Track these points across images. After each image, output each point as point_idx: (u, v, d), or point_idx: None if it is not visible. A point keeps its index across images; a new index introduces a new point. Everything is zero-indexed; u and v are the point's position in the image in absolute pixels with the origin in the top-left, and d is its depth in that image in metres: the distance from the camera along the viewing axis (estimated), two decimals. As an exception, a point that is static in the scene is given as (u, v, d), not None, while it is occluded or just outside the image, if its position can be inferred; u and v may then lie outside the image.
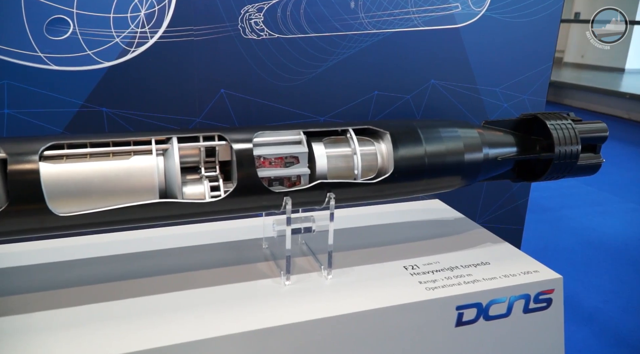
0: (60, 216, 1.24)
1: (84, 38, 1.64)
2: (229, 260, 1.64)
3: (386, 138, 1.54)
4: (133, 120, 1.78)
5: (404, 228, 1.85)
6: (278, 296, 1.42)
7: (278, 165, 1.46)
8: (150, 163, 1.34)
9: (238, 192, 1.38)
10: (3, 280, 1.48)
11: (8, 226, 1.24)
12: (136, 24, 1.68)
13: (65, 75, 1.65)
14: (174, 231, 1.82)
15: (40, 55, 1.62)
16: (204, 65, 1.80)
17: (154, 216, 1.34)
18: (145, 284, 1.47)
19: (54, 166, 1.26)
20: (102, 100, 1.73)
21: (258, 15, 1.79)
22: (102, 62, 1.69)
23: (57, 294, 1.41)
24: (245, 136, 1.42)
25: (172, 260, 1.63)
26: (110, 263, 1.59)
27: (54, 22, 1.61)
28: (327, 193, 1.46)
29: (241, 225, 1.88)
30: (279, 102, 1.91)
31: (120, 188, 1.31)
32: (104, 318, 1.30)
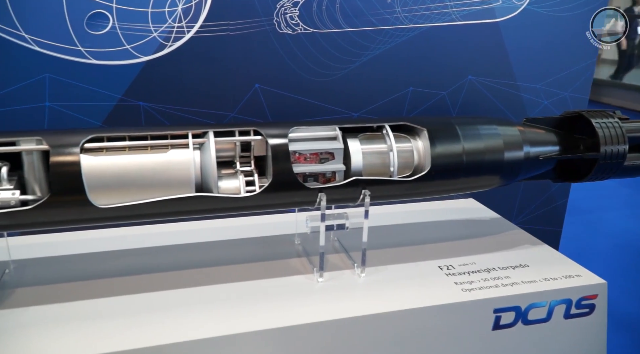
0: (99, 208, 1.26)
1: (123, 32, 1.66)
2: (262, 255, 1.64)
3: (423, 135, 1.51)
4: (169, 114, 1.79)
5: (438, 227, 1.81)
6: (311, 293, 1.41)
7: (313, 160, 1.44)
8: (187, 157, 1.34)
9: (273, 187, 1.37)
10: (41, 269, 1.52)
11: (49, 216, 1.26)
12: (173, 19, 1.69)
13: (105, 69, 1.68)
14: (206, 225, 1.83)
15: (80, 49, 1.64)
16: (238, 60, 1.79)
17: (189, 209, 1.35)
18: (178, 277, 1.48)
19: (94, 158, 1.28)
20: (139, 94, 1.74)
21: (293, 10, 1.78)
22: (140, 57, 1.70)
23: (93, 284, 1.43)
24: (281, 131, 1.41)
25: (205, 253, 1.64)
26: (145, 255, 1.61)
27: (94, 16, 1.63)
28: (362, 190, 1.44)
29: (273, 220, 1.88)
30: (313, 98, 1.90)
31: (157, 182, 1.32)
32: (137, 310, 1.32)
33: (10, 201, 1.24)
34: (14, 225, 1.26)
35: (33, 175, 1.28)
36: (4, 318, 1.27)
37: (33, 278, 1.46)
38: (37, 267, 1.52)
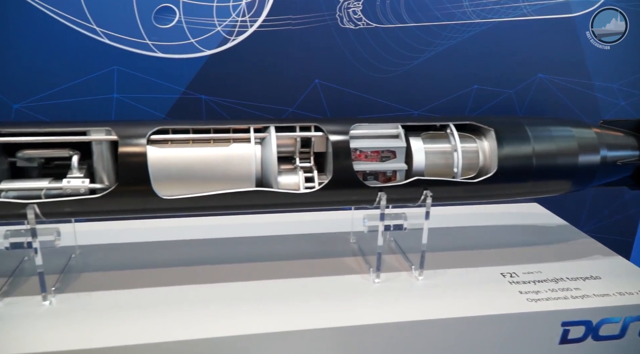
0: (163, 199, 1.28)
1: (188, 26, 1.69)
2: (316, 252, 1.62)
3: (490, 135, 1.44)
4: (229, 108, 1.81)
5: (501, 232, 1.73)
6: (367, 294, 1.38)
7: (374, 159, 1.41)
8: (248, 152, 1.34)
9: (332, 185, 1.35)
10: (104, 255, 1.57)
11: (115, 205, 1.30)
12: (237, 13, 1.70)
13: (170, 62, 1.71)
14: (261, 219, 1.83)
15: (147, 43, 1.68)
16: (299, 55, 1.78)
17: (249, 204, 1.35)
18: (234, 270, 1.49)
19: (159, 150, 1.31)
20: (202, 88, 1.77)
21: (357, 4, 1.74)
22: (204, 51, 1.72)
23: (152, 273, 1.46)
24: (342, 128, 1.39)
25: (261, 248, 1.64)
26: (203, 247, 1.63)
27: (161, 10, 1.66)
28: (423, 191, 1.39)
29: (328, 216, 1.86)
30: (373, 94, 1.86)
31: (219, 175, 1.33)
32: (192, 301, 1.33)
33: (80, 189, 1.28)
34: (82, 212, 1.31)
35: (101, 164, 1.32)
36: (70, 301, 1.31)
37: (97, 264, 1.51)
38: (101, 253, 1.58)
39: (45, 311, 1.27)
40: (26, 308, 1.27)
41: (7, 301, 1.30)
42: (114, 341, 1.16)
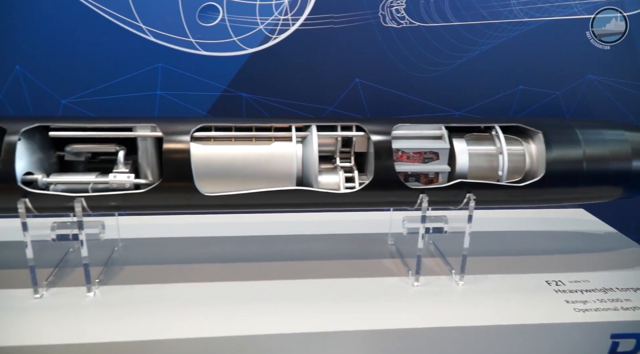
0: (204, 196, 1.29)
1: (231, 25, 1.70)
2: (354, 252, 1.61)
3: (537, 138, 1.39)
4: (269, 106, 1.81)
5: (545, 238, 1.68)
6: (406, 297, 1.35)
7: (416, 160, 1.39)
8: (290, 150, 1.34)
9: (373, 185, 1.33)
10: (146, 249, 1.60)
11: (158, 201, 1.31)
12: (280, 12, 1.70)
13: (212, 60, 1.73)
14: (297, 218, 1.83)
15: (191, 41, 1.70)
16: (340, 54, 1.77)
17: (289, 203, 1.35)
18: (270, 268, 1.49)
19: (202, 147, 1.32)
20: (242, 85, 1.78)
21: (400, 3, 1.72)
22: (246, 49, 1.73)
23: (192, 268, 1.48)
24: (384, 128, 1.37)
25: (298, 246, 1.64)
26: (242, 243, 1.64)
27: (205, 8, 1.68)
28: (466, 194, 1.36)
29: (366, 217, 1.84)
30: (414, 94, 1.83)
31: (260, 173, 1.33)
32: (228, 298, 1.34)
33: (125, 184, 1.31)
34: (126, 206, 1.33)
35: (146, 160, 1.35)
36: (113, 294, 1.34)
37: (138, 257, 1.54)
38: (143, 247, 1.61)
39: (90, 302, 1.30)
40: (71, 299, 1.31)
41: (53, 292, 1.34)
42: (156, 335, 1.18)
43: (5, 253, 1.52)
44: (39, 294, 1.31)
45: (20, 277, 1.38)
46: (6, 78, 1.68)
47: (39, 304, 1.28)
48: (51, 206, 1.29)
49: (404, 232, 1.43)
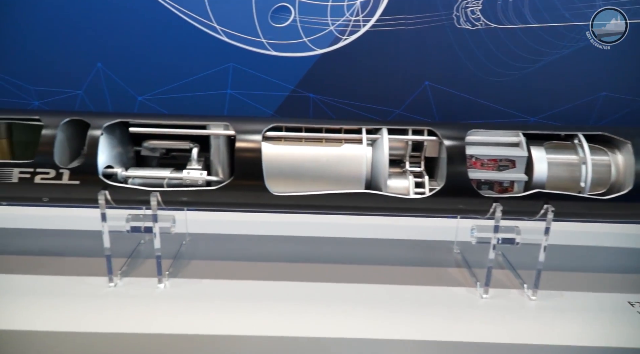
0: (274, 195, 1.30)
1: (302, 25, 1.71)
2: (418, 259, 1.57)
3: (625, 148, 1.30)
4: (335, 107, 1.80)
5: (628, 255, 1.57)
6: (474, 309, 1.30)
7: (491, 167, 1.33)
8: (360, 153, 1.33)
9: (444, 192, 1.30)
10: (212, 244, 1.63)
11: (229, 198, 1.34)
12: (351, 12, 1.69)
13: (282, 60, 1.74)
14: (359, 221, 1.81)
15: (262, 41, 1.72)
16: (411, 56, 1.73)
17: (358, 206, 1.33)
18: (332, 270, 1.48)
19: (273, 147, 1.33)
20: (310, 86, 1.78)
21: (476, 3, 1.66)
22: (315, 50, 1.73)
23: (257, 266, 1.49)
24: (458, 133, 1.33)
25: (361, 250, 1.62)
26: (306, 244, 1.64)
27: (278, 9, 1.70)
28: (544, 205, 1.29)
29: (430, 223, 1.79)
30: (486, 98, 1.76)
31: (329, 175, 1.32)
32: (293, 297, 1.34)
33: (198, 180, 1.34)
34: (197, 202, 1.37)
35: (218, 158, 1.37)
36: (182, 286, 1.38)
37: (205, 252, 1.57)
38: (209, 242, 1.64)
39: (160, 293, 1.35)
40: (143, 289, 1.35)
41: (126, 281, 1.39)
42: (224, 330, 1.20)
43: (81, 242, 1.60)
44: (113, 283, 1.37)
45: (95, 265, 1.44)
46: (88, 75, 1.76)
47: (114, 293, 1.34)
48: (128, 199, 1.34)
49: (472, 241, 1.38)
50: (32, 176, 1.28)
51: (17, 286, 1.35)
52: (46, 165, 1.28)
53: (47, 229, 1.69)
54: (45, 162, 1.28)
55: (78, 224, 1.71)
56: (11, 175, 1.29)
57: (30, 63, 1.75)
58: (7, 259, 1.48)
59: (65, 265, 1.45)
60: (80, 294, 1.32)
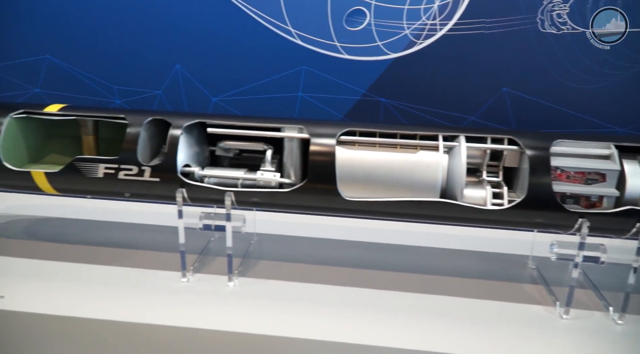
0: (346, 200, 1.29)
1: (377, 29, 1.69)
2: (489, 271, 1.51)
3: None
4: (407, 112, 1.77)
5: None
6: (554, 330, 1.23)
7: (577, 180, 1.26)
8: (436, 160, 1.29)
9: (525, 204, 1.23)
10: (279, 245, 1.64)
11: (300, 201, 1.34)
12: (428, 16, 1.65)
13: (355, 64, 1.73)
14: (430, 229, 1.76)
15: (336, 44, 1.72)
16: (489, 61, 1.67)
17: (432, 214, 1.30)
18: (400, 279, 1.45)
19: (347, 151, 1.32)
20: (382, 91, 1.76)
21: (563, 7, 1.57)
22: (389, 54, 1.71)
23: (323, 270, 1.48)
24: (542, 143, 1.26)
25: (429, 260, 1.58)
26: (374, 250, 1.61)
27: (352, 13, 1.69)
28: (636, 223, 1.20)
29: (503, 235, 1.72)
30: (570, 107, 1.67)
31: (403, 181, 1.30)
32: (359, 304, 1.32)
33: (271, 182, 1.35)
34: (269, 203, 1.38)
35: (290, 160, 1.38)
36: (250, 286, 1.40)
37: (273, 253, 1.58)
38: (276, 243, 1.66)
39: (230, 291, 1.37)
40: (214, 287, 1.38)
41: (197, 277, 1.43)
42: (291, 332, 1.20)
43: (154, 236, 1.66)
44: (186, 278, 1.41)
45: (168, 260, 1.49)
46: (167, 76, 1.83)
47: (186, 288, 1.37)
48: (203, 198, 1.37)
49: (552, 257, 1.31)
50: (116, 172, 1.35)
51: (96, 276, 1.42)
52: (129, 162, 1.33)
53: (124, 222, 1.77)
54: (128, 159, 1.33)
55: (151, 219, 1.78)
56: (97, 170, 1.36)
57: (114, 64, 1.84)
58: (87, 249, 1.56)
59: (141, 258, 1.51)
60: (155, 287, 1.37)
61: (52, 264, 1.47)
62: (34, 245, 1.59)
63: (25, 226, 1.73)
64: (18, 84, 1.91)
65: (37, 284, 1.37)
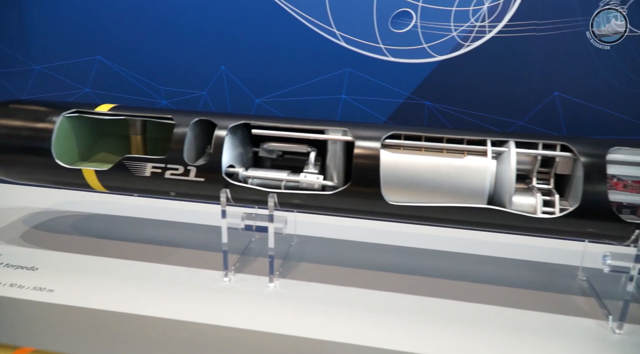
0: (389, 204, 1.27)
1: (423, 31, 1.66)
2: (537, 282, 1.46)
3: None
4: (451, 116, 1.73)
5: None
6: (606, 345, 1.18)
7: (635, 190, 1.20)
8: (484, 165, 1.25)
9: (579, 213, 1.18)
10: (319, 248, 1.64)
11: (343, 204, 1.33)
12: (476, 18, 1.62)
13: (399, 66, 1.71)
14: (472, 236, 1.72)
15: (381, 47, 1.70)
16: (540, 64, 1.62)
17: (479, 221, 1.26)
18: (441, 286, 1.42)
19: (392, 155, 1.30)
20: (426, 94, 1.73)
21: (621, 9, 1.51)
22: (435, 56, 1.68)
23: (363, 274, 1.47)
24: (598, 150, 1.21)
25: (472, 267, 1.54)
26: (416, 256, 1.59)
27: (398, 15, 1.67)
28: (700, 237, 1.14)
29: (551, 244, 1.66)
30: (627, 113, 1.59)
31: (449, 187, 1.27)
32: (393, 309, 1.31)
33: (314, 184, 1.35)
34: (311, 206, 1.37)
35: (333, 163, 1.37)
36: (291, 287, 1.39)
37: (313, 255, 1.58)
38: (317, 245, 1.65)
39: (271, 292, 1.37)
40: (255, 287, 1.39)
41: (239, 277, 1.44)
42: (331, 336, 1.19)
43: (196, 235, 1.69)
44: (227, 277, 1.42)
45: (210, 259, 1.51)
46: (212, 77, 1.86)
47: (228, 287, 1.39)
48: (246, 198, 1.38)
49: (604, 269, 1.25)
50: (163, 171, 1.37)
51: (141, 273, 1.45)
52: (176, 162, 1.36)
53: (167, 221, 1.80)
54: (175, 159, 1.36)
55: (192, 218, 1.81)
56: (145, 169, 1.39)
57: (161, 65, 1.88)
58: (133, 246, 1.59)
59: (183, 256, 1.54)
60: (197, 286, 1.39)
61: (98, 259, 1.51)
62: (82, 240, 1.64)
63: (73, 222, 1.78)
64: (69, 84, 1.98)
65: (84, 279, 1.41)
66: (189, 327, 1.26)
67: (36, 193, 1.98)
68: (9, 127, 1.45)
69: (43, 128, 1.43)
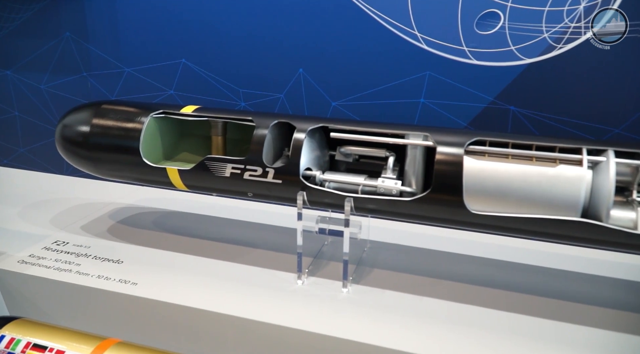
0: (472, 213, 1.21)
1: (511, 33, 1.58)
2: (635, 303, 1.34)
3: None
4: (539, 122, 1.63)
5: None
6: None
7: None
8: (579, 175, 1.16)
9: (689, 232, 1.07)
10: (393, 255, 1.60)
11: (422, 211, 1.28)
12: (571, 19, 1.51)
13: (483, 69, 1.64)
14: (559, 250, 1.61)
15: (464, 49, 1.64)
16: None
17: (571, 235, 1.17)
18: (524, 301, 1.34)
19: (476, 162, 1.24)
20: (512, 98, 1.64)
21: None
22: (523, 59, 1.59)
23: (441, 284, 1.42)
24: None
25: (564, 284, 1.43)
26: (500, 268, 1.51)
27: (485, 16, 1.60)
28: None
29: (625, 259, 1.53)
30: None
31: (539, 197, 1.18)
32: (463, 321, 1.25)
33: (392, 190, 1.31)
34: (388, 211, 1.34)
35: (413, 168, 1.33)
36: (364, 294, 1.37)
37: (386, 262, 1.54)
38: (390, 252, 1.61)
39: (344, 298, 1.35)
40: (328, 292, 1.38)
41: (312, 280, 1.43)
42: (404, 346, 1.16)
43: (270, 236, 1.70)
44: (301, 280, 1.42)
45: (284, 260, 1.52)
46: (290, 80, 1.88)
47: (301, 290, 1.38)
48: (322, 202, 1.37)
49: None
50: (242, 172, 1.39)
51: (217, 271, 1.48)
52: (255, 163, 1.37)
53: (243, 221, 1.84)
54: (254, 160, 1.37)
55: (267, 219, 1.83)
56: (225, 170, 1.42)
57: (241, 68, 1.93)
58: (210, 244, 1.64)
59: (258, 257, 1.55)
60: (271, 287, 1.40)
61: (177, 255, 1.57)
62: (163, 236, 1.70)
63: (155, 218, 1.86)
64: (155, 86, 2.08)
65: (164, 273, 1.46)
66: (263, 328, 1.27)
67: (121, 189, 2.09)
68: (101, 127, 1.53)
69: (133, 128, 1.50)
